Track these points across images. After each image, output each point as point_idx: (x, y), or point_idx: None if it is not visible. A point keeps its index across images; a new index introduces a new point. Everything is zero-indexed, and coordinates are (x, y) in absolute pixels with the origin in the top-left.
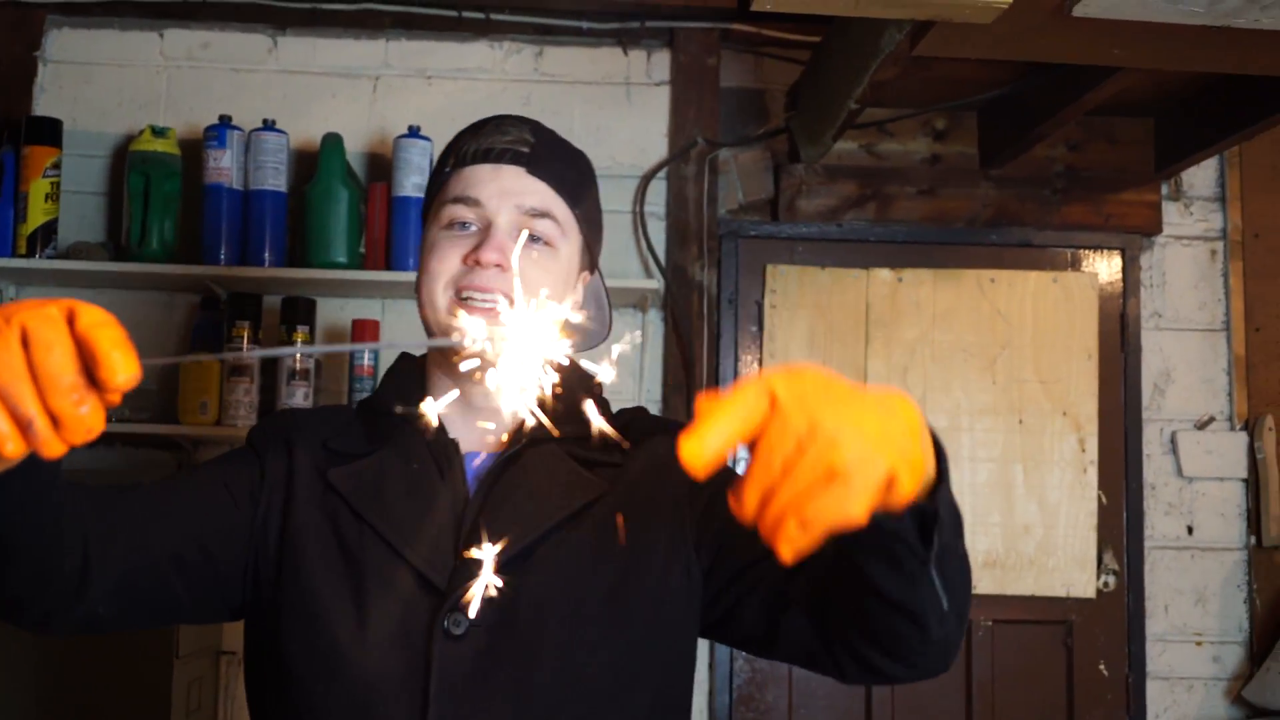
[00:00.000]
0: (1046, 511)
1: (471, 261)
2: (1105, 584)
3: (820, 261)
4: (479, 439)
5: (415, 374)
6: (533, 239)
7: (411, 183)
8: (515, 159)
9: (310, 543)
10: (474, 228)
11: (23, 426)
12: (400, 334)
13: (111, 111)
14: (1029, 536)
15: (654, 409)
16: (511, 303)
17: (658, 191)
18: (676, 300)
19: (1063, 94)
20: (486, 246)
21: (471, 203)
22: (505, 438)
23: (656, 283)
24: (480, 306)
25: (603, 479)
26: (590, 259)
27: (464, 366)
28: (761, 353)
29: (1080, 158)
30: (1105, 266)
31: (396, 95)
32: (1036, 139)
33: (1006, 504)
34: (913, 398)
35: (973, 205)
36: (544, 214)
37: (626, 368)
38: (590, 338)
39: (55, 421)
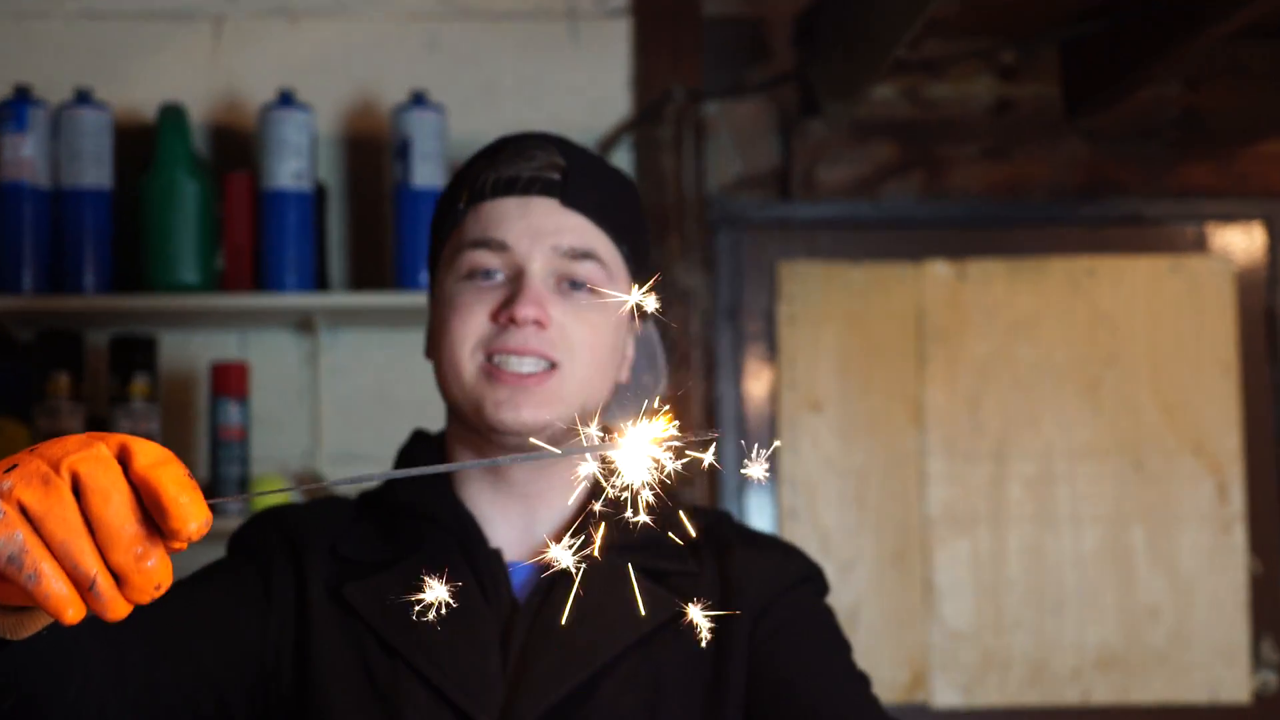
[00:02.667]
0: (1179, 587)
1: (505, 320)
2: (1264, 684)
3: (852, 254)
4: (518, 538)
5: (434, 456)
6: (574, 286)
7: (288, 170)
8: (546, 189)
9: (335, 681)
10: (501, 276)
11: (84, 588)
12: (272, 380)
13: None
14: (1156, 623)
15: None
16: (554, 366)
17: (622, 164)
18: (656, 316)
19: (1177, 24)
20: (522, 300)
21: (497, 246)
22: (549, 540)
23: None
24: (515, 372)
25: (676, 593)
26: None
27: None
28: (778, 383)
29: (1203, 98)
30: (1242, 244)
31: (251, 43)
32: (1143, 78)
33: (1124, 579)
34: (990, 436)
35: (1057, 169)
36: (586, 254)
37: None
38: (643, 397)
39: (118, 579)
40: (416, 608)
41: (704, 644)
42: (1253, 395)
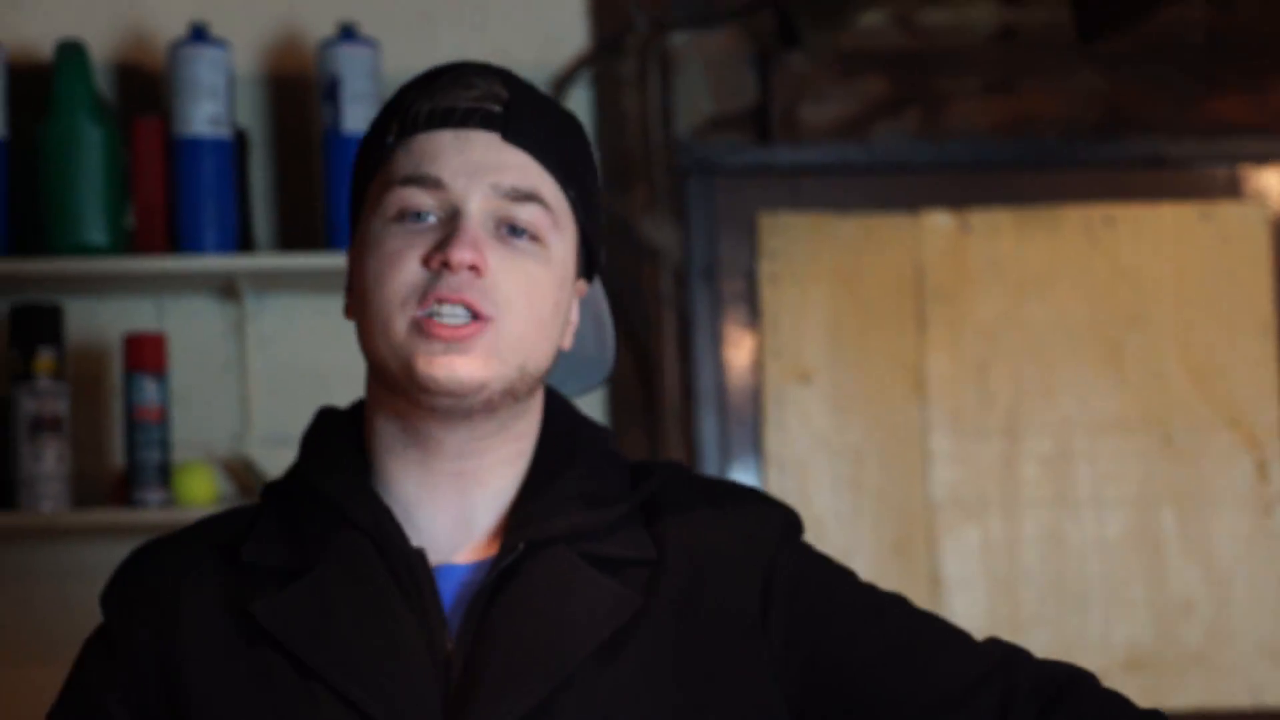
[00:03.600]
0: (1215, 578)
1: (438, 264)
2: None
3: (840, 204)
4: (452, 529)
5: (347, 436)
6: (514, 232)
7: (203, 115)
8: (486, 122)
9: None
10: (434, 218)
11: None
12: (194, 353)
13: None
14: (1192, 618)
15: None
16: (481, 318)
17: (579, 104)
18: (621, 275)
19: None
20: (457, 242)
21: (430, 183)
22: (489, 535)
23: None
24: (450, 324)
25: (634, 587)
26: (589, 261)
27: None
28: (761, 351)
29: (1233, 19)
30: None
31: None
32: None
33: (1153, 569)
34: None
35: (1069, 104)
36: (529, 196)
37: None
38: (586, 374)
39: None
40: (332, 623)
41: (672, 639)
42: None
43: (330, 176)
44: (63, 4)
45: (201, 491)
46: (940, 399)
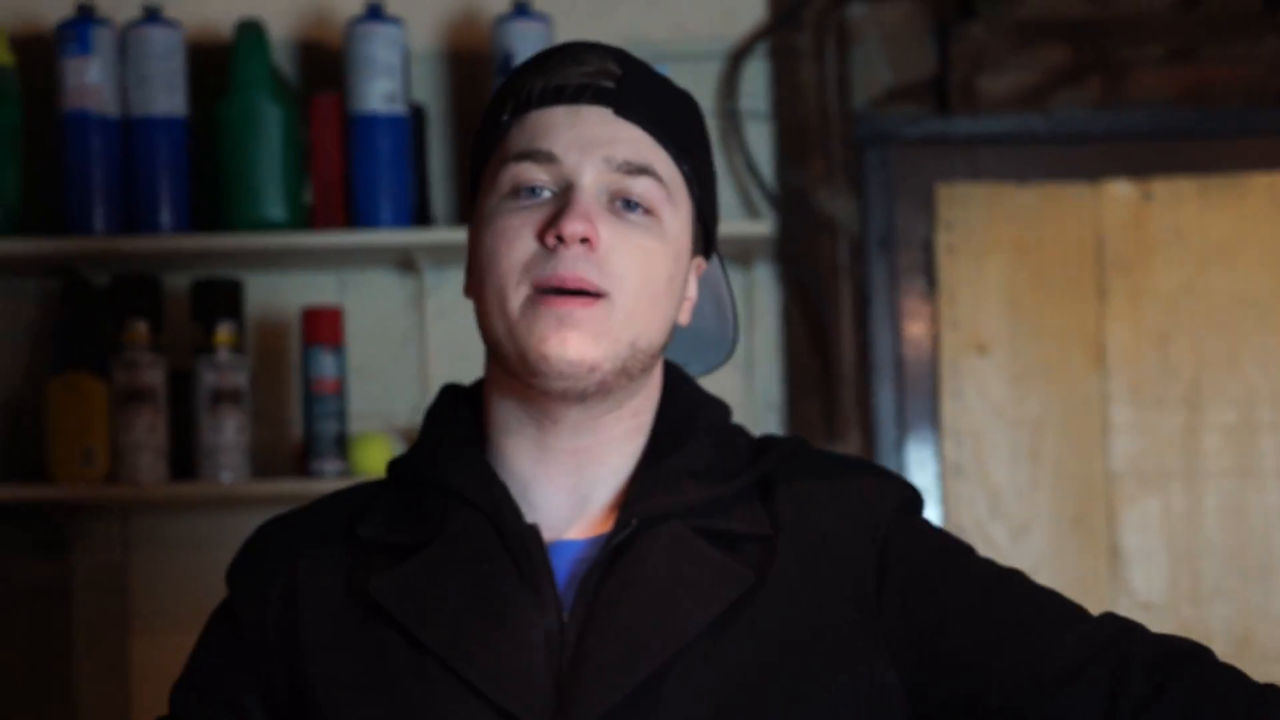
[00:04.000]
0: None
1: (552, 239)
2: None
3: (1019, 174)
4: (567, 507)
5: (467, 414)
6: (627, 205)
7: (379, 91)
8: (598, 97)
9: (345, 694)
10: (548, 193)
11: None
12: (373, 326)
13: None
14: None
15: (771, 417)
16: (597, 296)
17: (756, 77)
18: (798, 247)
19: None
20: (570, 215)
21: (543, 158)
22: (604, 511)
23: (765, 222)
24: (562, 300)
25: (748, 562)
26: (705, 238)
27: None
28: (938, 322)
29: None
30: None
31: None
32: None
33: None
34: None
35: (1255, 71)
36: (642, 169)
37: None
38: (708, 353)
39: None
40: (446, 599)
41: (786, 615)
42: None
43: None
44: None
45: (377, 462)
46: (1121, 369)
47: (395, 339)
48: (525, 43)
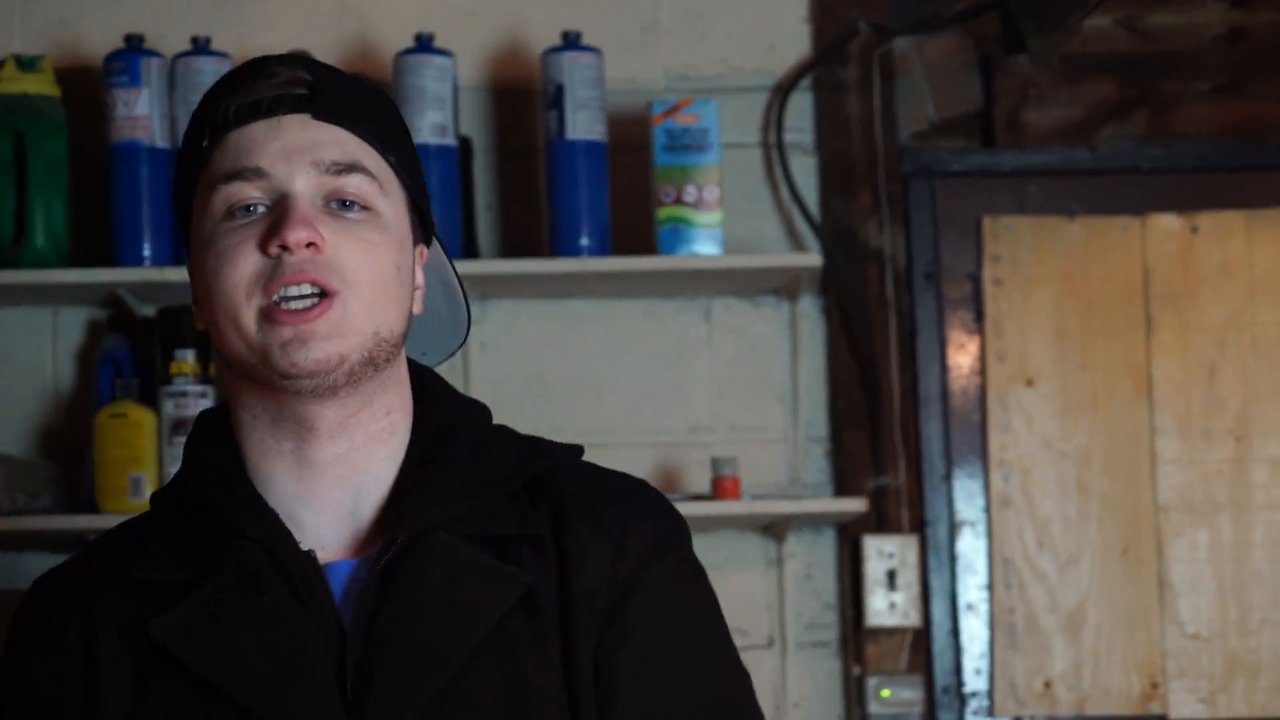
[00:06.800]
0: None
1: (276, 250)
2: None
3: (1065, 208)
4: (339, 523)
5: (227, 440)
6: (343, 205)
7: (429, 123)
8: (295, 105)
9: None
10: (262, 208)
11: None
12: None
13: None
14: None
15: (817, 450)
16: (328, 293)
17: (801, 110)
18: (844, 280)
19: None
20: (290, 223)
21: (252, 175)
22: (373, 526)
23: (811, 254)
24: (298, 308)
25: (525, 563)
26: (422, 225)
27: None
28: (984, 354)
29: None
30: None
31: None
32: None
33: None
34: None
35: None
36: (351, 167)
37: (772, 391)
38: (445, 340)
39: None
40: (229, 636)
41: (555, 619)
42: None
43: (553, 183)
44: (289, 17)
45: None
46: (1168, 402)
47: (440, 370)
48: (575, 74)
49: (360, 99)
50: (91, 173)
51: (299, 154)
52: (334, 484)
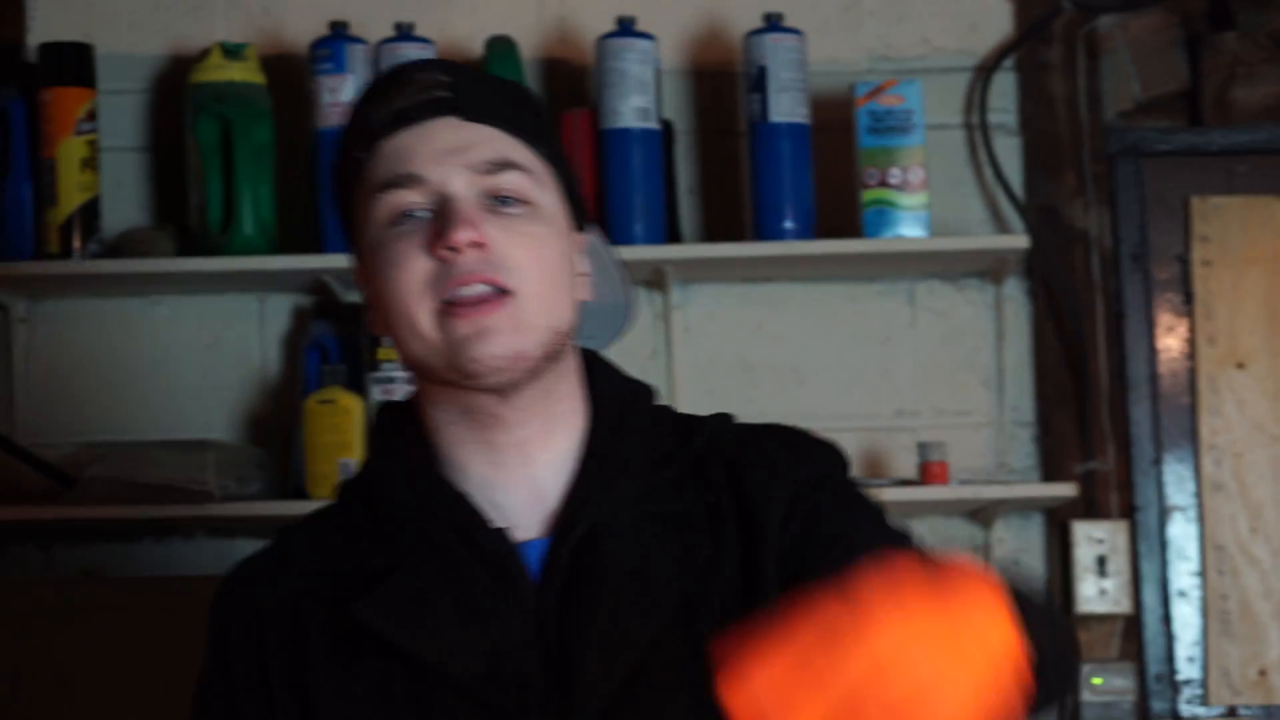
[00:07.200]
0: None
1: (442, 252)
2: None
3: (1276, 187)
4: (527, 502)
5: (411, 430)
6: (503, 201)
7: (632, 107)
8: (440, 109)
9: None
10: (424, 213)
11: None
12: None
13: (145, 23)
14: None
15: (1024, 434)
16: (506, 292)
17: (1004, 90)
18: (1049, 261)
19: None
20: (453, 225)
21: (409, 181)
22: (560, 505)
23: (1017, 236)
24: (472, 310)
25: (702, 538)
26: (577, 213)
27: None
28: (1194, 336)
29: None
30: None
31: None
32: None
33: None
34: None
35: None
36: (505, 164)
37: (977, 375)
38: (607, 325)
39: None
40: (431, 614)
41: (739, 584)
42: None
43: (756, 166)
44: (490, 2)
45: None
46: None
47: (643, 355)
48: (777, 57)
49: (503, 96)
50: (297, 159)
51: (452, 156)
52: (520, 467)
